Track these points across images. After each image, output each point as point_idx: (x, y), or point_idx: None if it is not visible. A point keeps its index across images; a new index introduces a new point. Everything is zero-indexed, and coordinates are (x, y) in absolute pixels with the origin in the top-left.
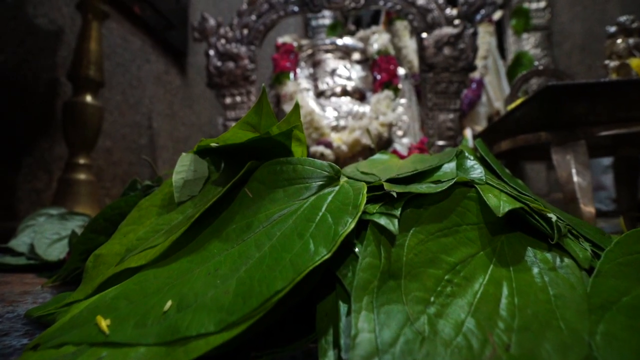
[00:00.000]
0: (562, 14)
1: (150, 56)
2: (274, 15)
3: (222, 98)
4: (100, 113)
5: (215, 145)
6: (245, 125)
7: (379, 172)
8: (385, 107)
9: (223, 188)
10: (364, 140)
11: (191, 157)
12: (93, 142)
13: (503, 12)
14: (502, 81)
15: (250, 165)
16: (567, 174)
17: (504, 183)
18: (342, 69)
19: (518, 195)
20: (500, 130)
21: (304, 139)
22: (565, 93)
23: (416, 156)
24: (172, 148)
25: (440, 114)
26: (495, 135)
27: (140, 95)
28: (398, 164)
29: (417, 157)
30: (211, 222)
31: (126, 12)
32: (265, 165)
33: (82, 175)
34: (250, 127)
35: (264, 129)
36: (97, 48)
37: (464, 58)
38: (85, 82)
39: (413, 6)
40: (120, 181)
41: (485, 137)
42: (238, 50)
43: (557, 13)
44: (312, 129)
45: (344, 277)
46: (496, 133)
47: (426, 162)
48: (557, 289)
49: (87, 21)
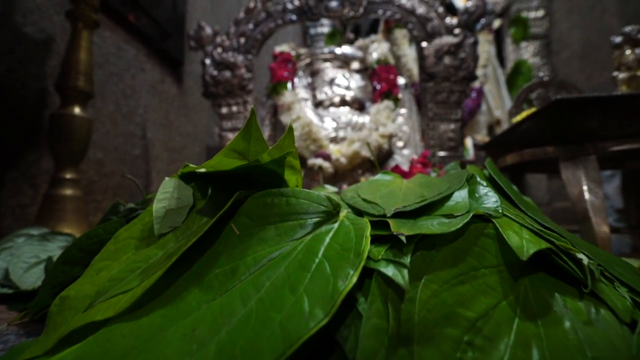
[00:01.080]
0: (561, 23)
1: (145, 65)
2: (272, 23)
3: (218, 108)
4: (88, 125)
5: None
6: (232, 153)
7: (382, 200)
8: (385, 118)
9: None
10: (363, 152)
11: (174, 183)
12: (81, 155)
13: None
14: (502, 90)
15: (239, 196)
16: (578, 192)
17: (522, 213)
18: (341, 79)
19: (541, 230)
20: (504, 143)
21: (298, 167)
22: (576, 107)
23: (422, 178)
24: (167, 158)
25: (441, 124)
26: (499, 148)
27: (134, 104)
28: (403, 188)
29: (423, 179)
30: (193, 263)
31: (120, 21)
32: (255, 197)
33: (69, 190)
34: (237, 154)
35: (254, 156)
36: (86, 58)
37: (465, 67)
38: (73, 93)
39: (413, 15)
40: (112, 194)
41: (489, 150)
42: (235, 59)
43: (555, 22)
44: (310, 140)
45: (344, 340)
46: (500, 146)
47: (434, 188)
48: (596, 350)
49: (77, 30)
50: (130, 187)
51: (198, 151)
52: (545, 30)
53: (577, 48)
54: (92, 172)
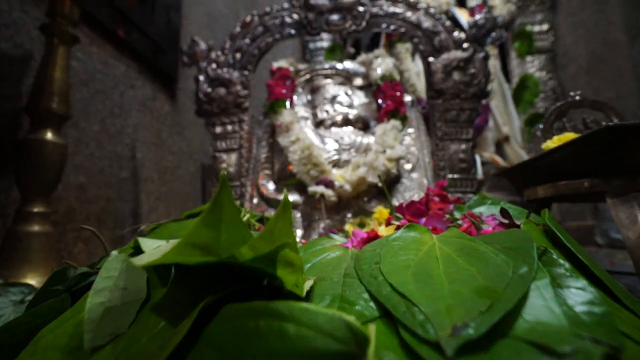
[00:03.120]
0: (566, 37)
1: (136, 82)
2: (269, 38)
3: (212, 127)
4: (62, 151)
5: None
6: (190, 249)
7: (418, 289)
8: (392, 139)
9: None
10: (369, 178)
11: (122, 264)
12: (52, 186)
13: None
14: (509, 105)
15: (206, 304)
16: (636, 236)
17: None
18: (343, 96)
19: None
20: (533, 172)
21: (299, 262)
22: (630, 134)
23: (461, 240)
24: (159, 179)
25: (451, 145)
26: (526, 177)
27: (122, 124)
28: (440, 259)
29: (463, 244)
30: None
31: (109, 36)
32: (230, 313)
33: (36, 226)
34: (199, 250)
35: (227, 250)
36: (62, 77)
37: (476, 84)
38: (45, 116)
39: (418, 29)
40: (95, 220)
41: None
42: (230, 76)
43: (560, 35)
44: (310, 165)
45: None
46: (527, 174)
47: (488, 265)
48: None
49: (52, 46)
50: (118, 213)
51: (192, 170)
52: (551, 44)
53: (583, 62)
54: (72, 198)
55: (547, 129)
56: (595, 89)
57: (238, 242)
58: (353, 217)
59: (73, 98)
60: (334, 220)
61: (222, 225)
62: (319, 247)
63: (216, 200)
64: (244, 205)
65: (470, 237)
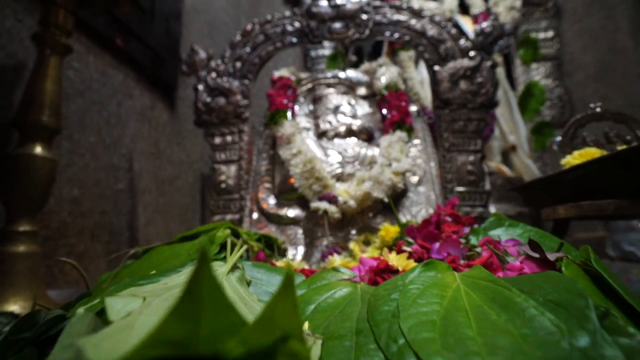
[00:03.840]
0: (571, 44)
1: (134, 91)
2: (270, 47)
3: (211, 138)
4: (51, 167)
5: None
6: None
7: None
8: (398, 152)
9: None
10: (375, 193)
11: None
12: (39, 203)
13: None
14: (515, 113)
15: None
16: None
17: None
18: (346, 106)
19: None
20: (551, 189)
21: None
22: None
23: (490, 285)
24: (157, 191)
25: (459, 156)
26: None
27: (120, 134)
28: (469, 313)
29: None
30: None
31: (106, 44)
32: None
33: (22, 246)
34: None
35: (209, 343)
36: (54, 88)
37: (483, 93)
38: (34, 130)
39: (423, 37)
40: (89, 235)
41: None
42: (230, 85)
43: (565, 43)
44: (313, 179)
45: None
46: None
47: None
48: None
49: (44, 57)
50: (113, 226)
51: (191, 181)
52: (556, 51)
53: (590, 69)
54: (65, 212)
55: (565, 142)
56: (603, 97)
57: (224, 332)
58: (357, 233)
59: (68, 109)
60: (338, 237)
61: (203, 313)
62: (324, 282)
63: (194, 281)
64: (243, 220)
65: (502, 282)
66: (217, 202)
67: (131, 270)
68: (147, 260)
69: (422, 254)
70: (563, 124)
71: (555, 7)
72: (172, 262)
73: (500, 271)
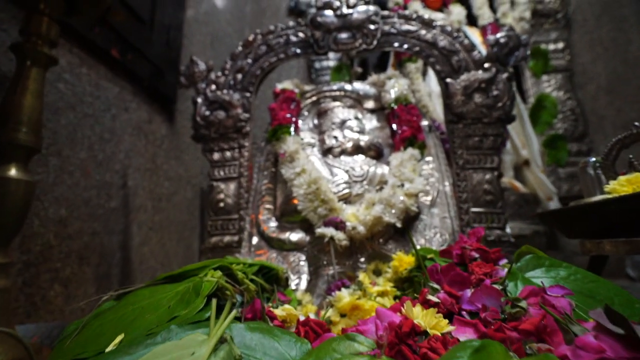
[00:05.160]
0: (583, 55)
1: (130, 104)
2: (273, 58)
3: (210, 153)
4: (28, 190)
5: None
6: None
7: None
8: (410, 171)
9: None
10: (386, 217)
11: None
12: (12, 232)
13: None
14: (527, 127)
15: None
16: None
17: None
18: (353, 120)
19: None
20: (592, 220)
21: None
22: None
23: None
24: (152, 208)
25: (474, 174)
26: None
27: (113, 149)
28: None
29: None
30: None
31: (101, 56)
32: None
33: None
34: None
35: None
36: (33, 103)
37: (500, 107)
38: (9, 148)
39: (434, 48)
40: (76, 259)
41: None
42: (230, 98)
43: (576, 54)
44: (318, 201)
45: None
46: (584, 222)
47: None
48: None
49: (24, 68)
50: (104, 248)
51: (190, 196)
52: (567, 63)
53: (603, 81)
54: (50, 234)
55: (608, 166)
56: (617, 110)
57: None
58: (367, 262)
59: (57, 123)
60: (345, 266)
61: None
62: (335, 356)
63: None
64: (242, 242)
65: None
66: (215, 222)
67: (101, 323)
68: (122, 310)
69: (451, 305)
70: (577, 137)
71: (565, 18)
72: (149, 316)
73: (560, 342)
